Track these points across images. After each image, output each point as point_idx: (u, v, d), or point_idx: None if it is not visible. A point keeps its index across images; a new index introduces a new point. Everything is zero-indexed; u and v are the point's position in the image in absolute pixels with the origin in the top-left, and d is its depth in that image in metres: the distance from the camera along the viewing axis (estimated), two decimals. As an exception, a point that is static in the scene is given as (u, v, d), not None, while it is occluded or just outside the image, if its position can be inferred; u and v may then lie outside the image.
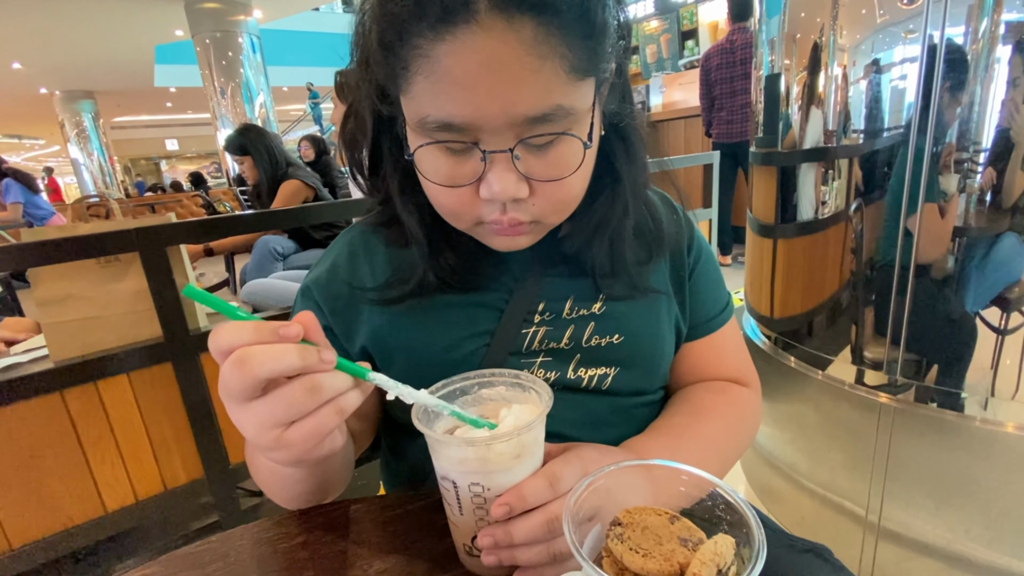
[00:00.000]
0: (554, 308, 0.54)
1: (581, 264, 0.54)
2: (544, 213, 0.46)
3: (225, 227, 1.43)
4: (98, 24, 7.26)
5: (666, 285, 0.58)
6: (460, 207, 0.46)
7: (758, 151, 1.56)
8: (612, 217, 0.51)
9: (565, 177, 0.44)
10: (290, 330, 0.34)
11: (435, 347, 0.52)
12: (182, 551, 0.46)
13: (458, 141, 0.41)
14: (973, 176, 1.05)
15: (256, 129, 2.51)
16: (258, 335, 0.33)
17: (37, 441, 1.17)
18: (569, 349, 0.54)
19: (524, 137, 0.41)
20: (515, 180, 0.42)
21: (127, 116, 15.54)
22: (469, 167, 0.43)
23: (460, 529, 0.40)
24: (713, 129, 3.65)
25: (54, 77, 10.24)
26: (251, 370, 0.32)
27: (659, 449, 0.49)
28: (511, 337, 0.52)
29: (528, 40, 0.37)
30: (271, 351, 0.33)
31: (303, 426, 0.35)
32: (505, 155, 0.41)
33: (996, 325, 1.07)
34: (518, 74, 0.38)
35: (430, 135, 0.42)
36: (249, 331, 0.33)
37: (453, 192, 0.45)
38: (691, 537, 0.31)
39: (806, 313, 1.40)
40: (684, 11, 7.82)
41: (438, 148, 0.43)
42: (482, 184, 0.43)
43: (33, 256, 1.11)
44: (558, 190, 0.44)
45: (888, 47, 1.13)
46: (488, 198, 0.44)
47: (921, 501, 1.14)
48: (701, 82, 3.65)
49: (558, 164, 0.43)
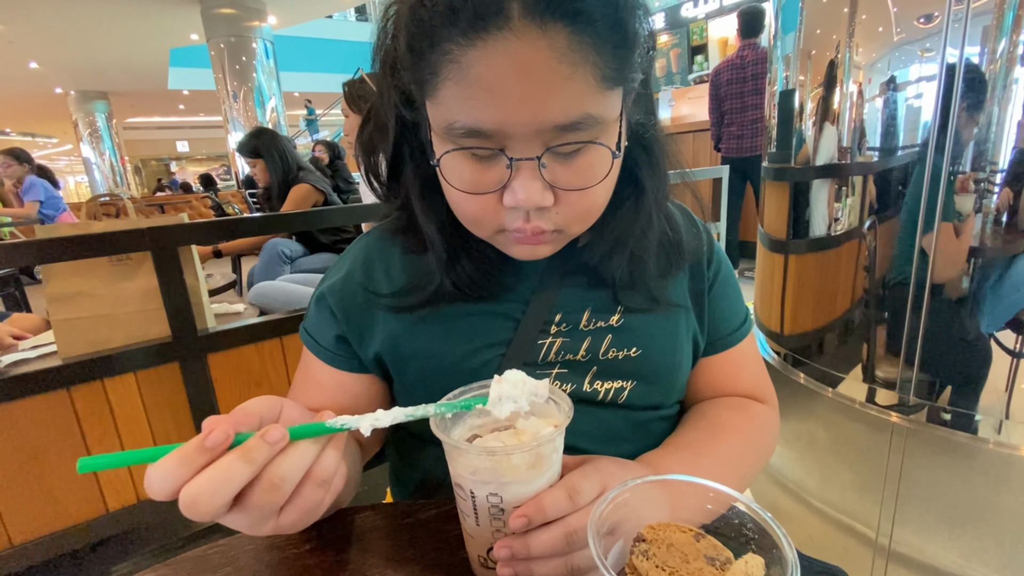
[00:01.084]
0: (571, 319, 0.53)
1: (600, 275, 0.53)
2: (568, 222, 0.45)
3: (236, 229, 1.43)
4: (115, 27, 7.37)
5: (685, 298, 0.57)
6: (483, 214, 0.45)
7: (770, 166, 1.56)
8: (634, 228, 0.51)
9: (591, 187, 0.43)
10: (214, 439, 0.31)
11: (450, 356, 0.52)
12: (191, 553, 0.46)
13: (485, 148, 0.41)
14: (990, 196, 1.04)
15: (269, 133, 2.53)
16: (190, 465, 0.30)
17: (42, 437, 1.17)
18: (586, 361, 0.53)
19: (552, 145, 0.40)
20: (540, 188, 0.42)
21: (140, 117, 15.73)
22: (494, 174, 0.42)
23: (476, 540, 0.39)
24: (722, 144, 3.66)
25: (70, 77, 10.38)
26: (205, 507, 0.30)
27: (676, 464, 0.48)
28: (527, 347, 0.51)
29: (561, 48, 0.37)
30: (212, 478, 0.30)
31: (291, 511, 0.34)
32: (532, 163, 0.41)
33: (1011, 347, 1.05)
34: (549, 82, 0.37)
35: (456, 141, 0.41)
36: (177, 466, 0.30)
37: (477, 199, 0.44)
38: (718, 556, 0.30)
39: (817, 330, 1.38)
40: (694, 26, 7.88)
41: (464, 155, 0.42)
42: (507, 192, 0.43)
43: (47, 252, 1.11)
44: (583, 199, 0.44)
45: (905, 65, 1.13)
46: (512, 206, 0.43)
47: (934, 524, 1.11)
48: (711, 97, 3.67)
49: (584, 173, 0.43)
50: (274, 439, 0.32)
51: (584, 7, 0.37)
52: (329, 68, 11.47)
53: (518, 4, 0.36)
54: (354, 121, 1.69)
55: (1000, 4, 0.97)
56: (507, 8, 0.36)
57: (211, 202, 6.10)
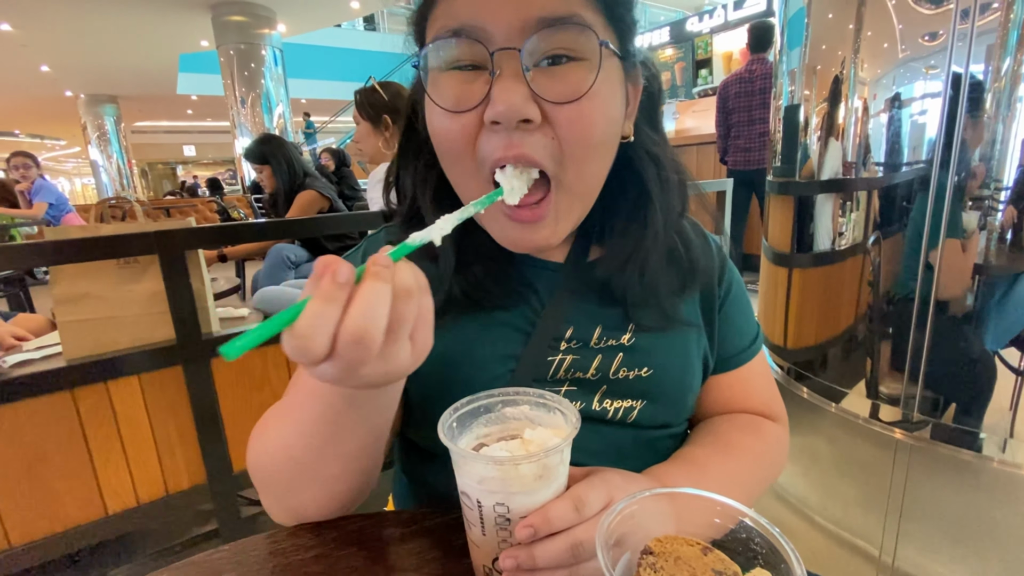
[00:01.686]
0: (582, 336, 0.52)
1: (611, 292, 0.53)
2: (557, 153, 0.42)
3: (243, 234, 1.44)
4: (127, 32, 7.46)
5: (696, 316, 0.57)
6: (464, 138, 0.42)
7: (775, 180, 1.57)
8: (644, 243, 0.51)
9: (581, 98, 0.40)
10: (345, 273, 0.29)
11: (463, 367, 0.51)
12: (198, 557, 0.46)
13: (469, 43, 0.40)
14: (994, 213, 1.04)
15: (277, 139, 2.55)
16: (336, 303, 0.29)
17: (45, 439, 1.17)
18: (596, 380, 0.52)
19: (536, 40, 0.39)
20: (523, 95, 0.39)
21: (148, 121, 15.86)
22: (477, 87, 0.41)
23: (481, 550, 0.39)
24: (729, 157, 3.67)
25: (80, 81, 10.49)
26: (375, 335, 0.29)
27: (683, 479, 0.48)
28: (537, 362, 0.51)
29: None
30: (371, 308, 0.29)
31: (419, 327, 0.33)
32: (515, 64, 0.39)
33: (1016, 366, 1.05)
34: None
35: (442, 57, 0.41)
36: (326, 310, 0.29)
37: (457, 120, 0.42)
38: (726, 570, 0.30)
39: (821, 344, 1.38)
40: (699, 41, 7.94)
41: (449, 74, 0.42)
42: (488, 104, 0.40)
43: (56, 254, 1.12)
44: (577, 120, 0.41)
45: (909, 82, 1.14)
46: (494, 118, 0.40)
47: (937, 542, 1.11)
48: (718, 110, 3.70)
49: (575, 85, 0.40)
50: (385, 261, 0.31)
51: None
52: (337, 76, 11.59)
53: None
54: (365, 128, 1.71)
55: (1004, 23, 0.98)
56: None
57: (216, 206, 6.13)
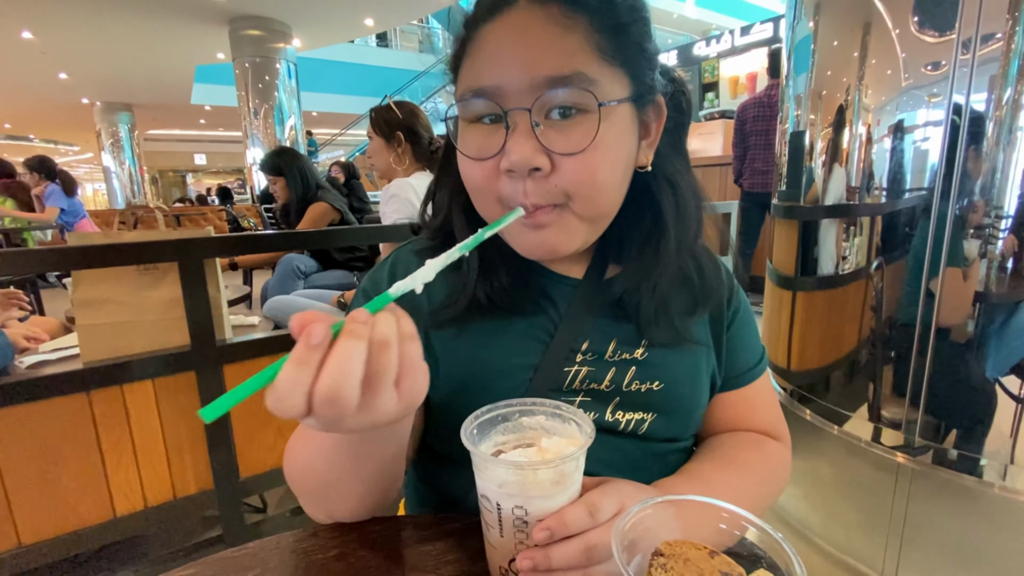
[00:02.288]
0: (597, 349, 0.55)
1: (626, 309, 0.56)
2: (566, 194, 0.47)
3: (259, 244, 1.48)
4: (146, 43, 7.63)
5: (707, 336, 0.59)
6: (485, 183, 0.49)
7: (780, 204, 1.60)
8: (660, 263, 0.54)
9: (585, 150, 0.45)
10: (317, 335, 0.30)
11: (483, 374, 0.54)
12: (222, 555, 0.48)
13: (486, 103, 0.46)
14: (995, 242, 1.06)
15: (291, 152, 2.61)
16: (310, 365, 0.30)
17: (59, 440, 1.19)
18: (609, 391, 0.55)
19: (543, 98, 0.45)
20: (533, 148, 0.45)
21: (161, 129, 16.11)
22: (496, 139, 0.47)
23: (498, 551, 0.42)
24: (745, 179, 3.71)
25: (97, 89, 10.70)
26: (349, 394, 0.30)
27: (689, 492, 0.50)
28: (554, 372, 0.54)
29: (555, 14, 0.45)
30: (343, 368, 0.30)
31: (403, 376, 0.34)
32: (526, 122, 0.45)
33: (1016, 393, 1.07)
34: (541, 38, 0.45)
35: (467, 111, 0.48)
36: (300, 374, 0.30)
37: (480, 168, 0.48)
38: (731, 572, 0.32)
39: (824, 367, 1.40)
40: (706, 64, 8.07)
41: (473, 125, 0.49)
42: (503, 155, 0.46)
43: (80, 259, 1.16)
44: (580, 168, 0.46)
45: (912, 109, 1.17)
46: (508, 167, 0.46)
47: (938, 567, 1.11)
48: (736, 131, 3.74)
49: (579, 138, 0.45)
50: (363, 317, 0.32)
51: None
52: (348, 90, 11.79)
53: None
54: (378, 144, 1.76)
55: (1006, 53, 1.01)
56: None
57: (227, 215, 6.21)
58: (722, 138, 4.61)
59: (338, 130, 13.60)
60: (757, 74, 7.34)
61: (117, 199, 12.06)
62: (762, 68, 4.83)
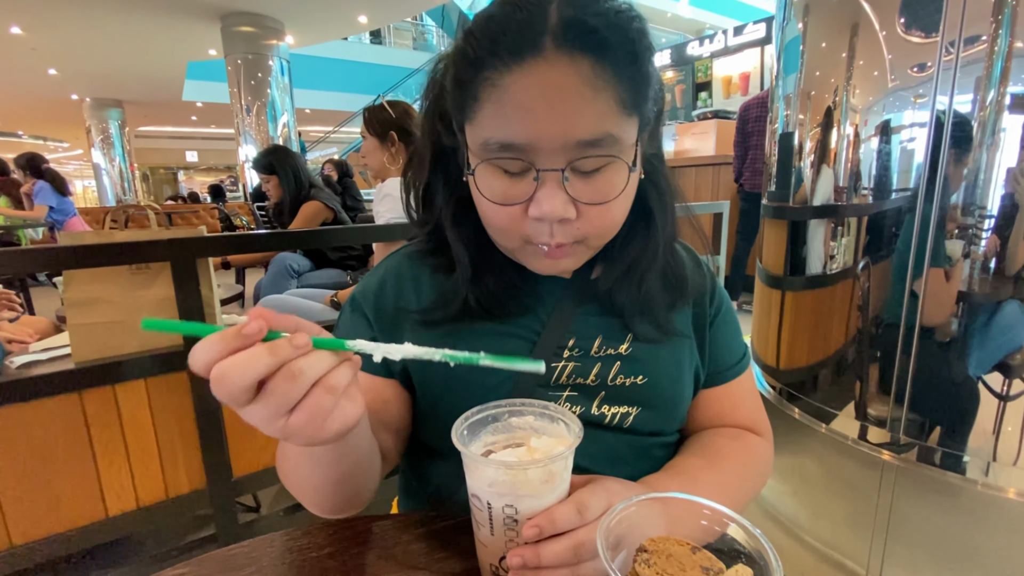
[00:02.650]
0: (583, 345, 0.57)
1: (611, 304, 0.58)
2: (587, 236, 0.50)
3: (253, 244, 1.48)
4: (137, 39, 7.55)
5: (689, 330, 0.61)
6: (510, 225, 0.50)
7: (769, 204, 1.62)
8: (643, 260, 0.56)
9: (609, 201, 0.48)
10: (251, 328, 0.34)
11: (468, 374, 0.55)
12: (216, 553, 0.48)
13: (515, 159, 0.46)
14: (978, 242, 1.08)
15: (284, 150, 2.60)
16: (226, 345, 0.34)
17: (51, 440, 1.19)
18: (595, 386, 0.57)
19: (574, 159, 0.45)
20: (563, 201, 0.47)
21: (152, 126, 15.96)
22: (522, 187, 0.47)
23: (489, 549, 0.43)
24: (745, 180, 3.72)
25: (87, 85, 10.57)
26: (231, 384, 0.33)
27: (675, 487, 0.51)
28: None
29: (587, 74, 0.44)
30: (241, 361, 0.33)
31: (300, 412, 0.35)
32: (556, 176, 0.46)
33: (998, 391, 1.09)
34: (576, 102, 0.44)
35: (491, 156, 0.47)
36: (216, 344, 0.34)
37: (505, 211, 0.49)
38: (712, 567, 0.33)
39: (811, 366, 1.42)
40: (699, 64, 8.09)
41: (496, 169, 0.48)
42: (532, 203, 0.47)
43: (71, 258, 1.15)
44: (603, 215, 0.48)
45: (899, 110, 1.18)
46: (537, 216, 0.47)
47: (922, 563, 1.13)
48: (737, 131, 3.74)
49: (604, 189, 0.47)
50: (300, 343, 0.35)
51: (607, 42, 0.44)
52: (342, 87, 11.74)
53: (551, 37, 0.43)
54: (371, 143, 1.76)
55: (989, 55, 1.03)
56: (541, 41, 0.43)
57: (219, 213, 6.17)
58: (715, 138, 4.63)
59: (331, 127, 13.54)
60: (750, 74, 7.38)
61: (107, 196, 11.93)
62: (754, 68, 4.86)
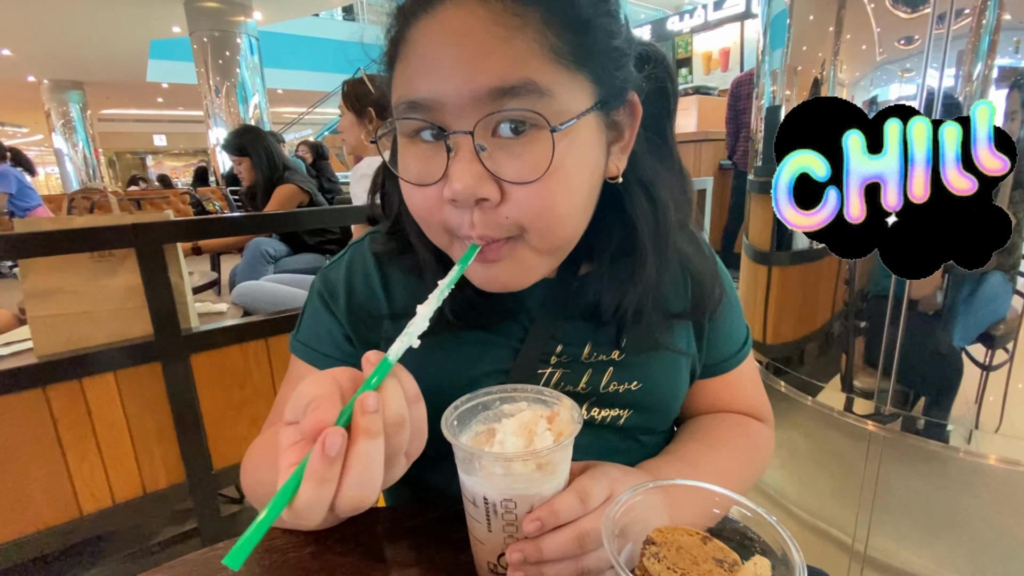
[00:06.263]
0: (572, 352, 0.52)
1: (602, 314, 0.51)
2: (523, 227, 0.40)
3: (222, 227, 1.41)
4: (94, 16, 7.18)
5: (688, 339, 0.56)
6: (429, 213, 0.42)
7: (756, 179, 1.60)
8: (634, 275, 0.49)
9: (539, 179, 0.38)
10: (335, 444, 0.30)
11: (456, 382, 0.50)
12: (194, 556, 0.45)
13: (421, 120, 0.39)
14: (963, 215, 1.08)
15: (256, 130, 2.50)
16: (331, 480, 0.30)
17: (15, 438, 1.13)
18: (586, 393, 0.53)
19: (487, 114, 0.37)
20: (477, 175, 0.38)
21: (116, 109, 15.32)
22: (437, 162, 0.39)
23: (486, 546, 0.40)
24: (738, 157, 3.69)
25: (44, 66, 10.06)
26: (373, 495, 0.32)
27: (674, 473, 0.49)
28: (526, 376, 0.51)
29: (498, 11, 0.37)
30: (364, 474, 0.31)
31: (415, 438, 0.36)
32: (469, 144, 0.38)
33: (981, 361, 1.10)
34: (483, 43, 0.37)
35: (404, 125, 0.40)
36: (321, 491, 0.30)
37: (421, 193, 0.41)
38: (726, 558, 0.31)
39: (798, 340, 1.42)
40: (679, 39, 8.04)
41: (411, 143, 0.41)
42: (446, 181, 0.39)
43: (27, 246, 1.08)
44: (534, 198, 0.39)
45: (886, 84, 1.17)
46: (450, 196, 0.39)
47: (908, 530, 1.15)
48: (729, 108, 3.70)
49: (532, 163, 0.38)
50: (373, 406, 0.31)
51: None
52: (315, 67, 11.36)
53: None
54: (349, 119, 1.68)
55: (976, 29, 1.01)
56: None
57: (191, 198, 5.97)
58: (696, 114, 4.61)
59: (305, 108, 13.15)
60: (730, 49, 7.34)
61: (71, 183, 11.46)
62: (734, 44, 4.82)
